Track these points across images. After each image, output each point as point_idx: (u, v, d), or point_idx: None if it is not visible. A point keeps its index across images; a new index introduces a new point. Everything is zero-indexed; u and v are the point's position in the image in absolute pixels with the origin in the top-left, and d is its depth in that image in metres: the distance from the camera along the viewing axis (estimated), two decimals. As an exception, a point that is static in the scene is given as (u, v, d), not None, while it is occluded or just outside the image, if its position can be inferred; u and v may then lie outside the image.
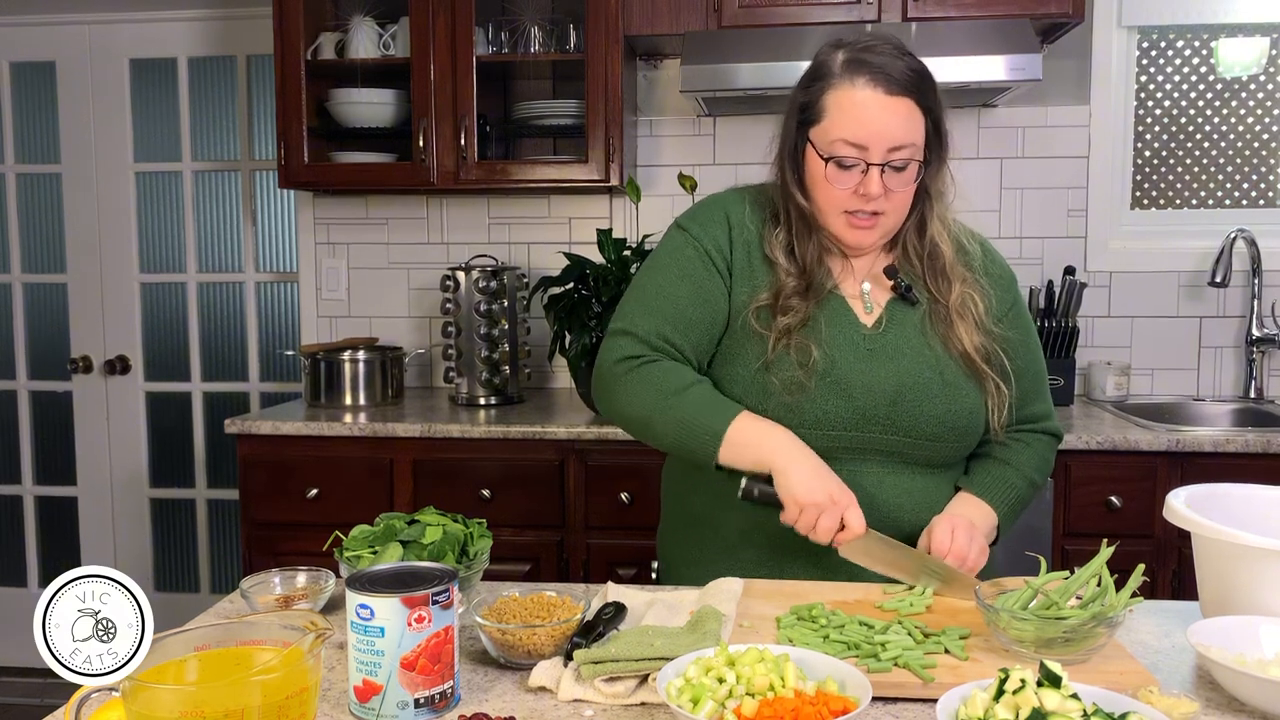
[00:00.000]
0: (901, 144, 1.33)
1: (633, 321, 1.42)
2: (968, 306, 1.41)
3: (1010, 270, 1.53)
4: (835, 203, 1.37)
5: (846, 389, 1.37)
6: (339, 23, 2.97)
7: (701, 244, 1.43)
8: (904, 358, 1.40)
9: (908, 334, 1.42)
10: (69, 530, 3.59)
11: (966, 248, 1.47)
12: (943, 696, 0.91)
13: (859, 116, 1.33)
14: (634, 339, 1.41)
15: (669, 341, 1.40)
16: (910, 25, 2.59)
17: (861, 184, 1.34)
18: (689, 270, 1.42)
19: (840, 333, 1.40)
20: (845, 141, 1.33)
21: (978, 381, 1.41)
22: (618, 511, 2.51)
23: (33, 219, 3.55)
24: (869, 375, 1.38)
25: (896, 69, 1.34)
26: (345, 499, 2.58)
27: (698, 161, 3.05)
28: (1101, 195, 2.96)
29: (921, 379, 1.39)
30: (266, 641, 0.90)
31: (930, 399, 1.38)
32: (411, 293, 3.22)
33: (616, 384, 1.41)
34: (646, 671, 1.03)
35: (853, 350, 1.40)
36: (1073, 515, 2.39)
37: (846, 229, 1.39)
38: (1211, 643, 1.07)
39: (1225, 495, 1.28)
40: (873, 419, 1.38)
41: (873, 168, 1.33)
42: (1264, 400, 2.88)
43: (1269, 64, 2.97)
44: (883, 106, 1.33)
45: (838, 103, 1.34)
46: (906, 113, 1.34)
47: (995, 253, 1.53)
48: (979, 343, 1.40)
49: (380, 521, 1.34)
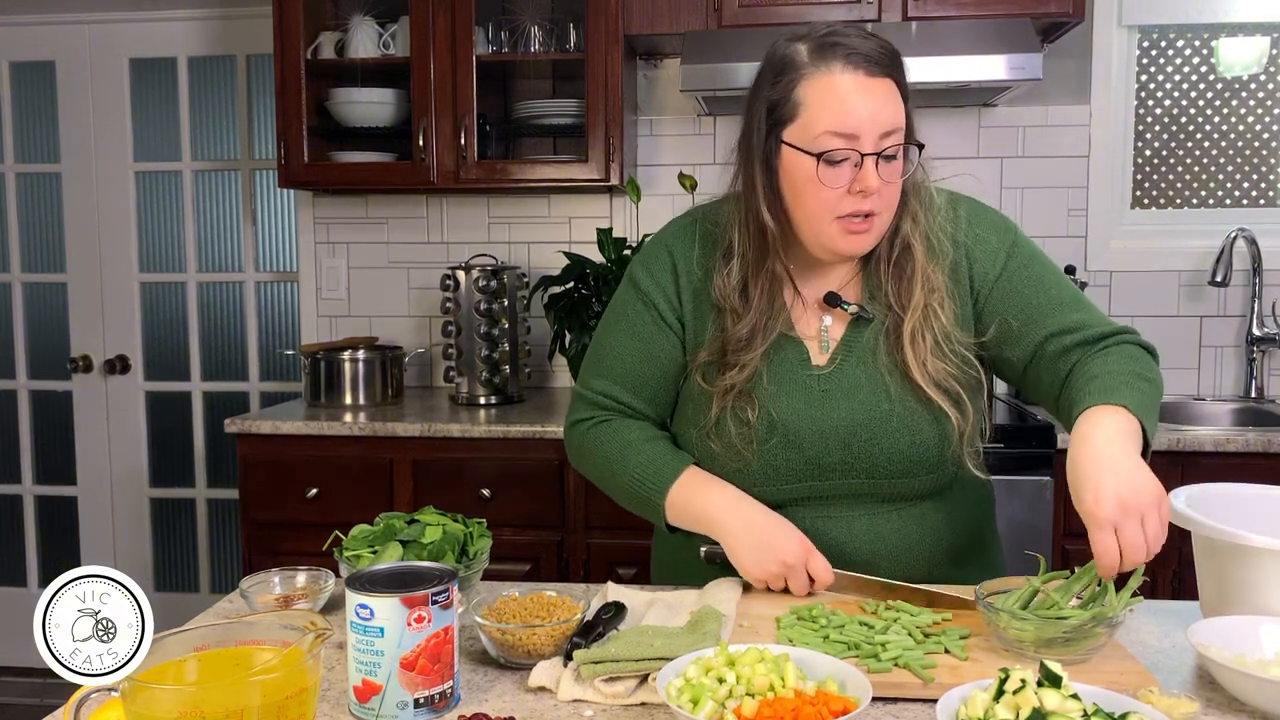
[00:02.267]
0: (891, 129, 1.20)
1: (586, 382, 1.42)
2: (929, 321, 1.28)
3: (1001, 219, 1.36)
4: (826, 208, 1.23)
5: (795, 440, 1.29)
6: (339, 22, 2.97)
7: (650, 297, 1.37)
8: (860, 392, 1.29)
9: (864, 362, 1.30)
10: (69, 530, 3.59)
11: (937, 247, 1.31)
12: (943, 696, 0.91)
13: (844, 103, 1.19)
14: (586, 401, 1.41)
15: (619, 401, 1.39)
16: (910, 25, 2.59)
17: (856, 180, 1.21)
18: (638, 327, 1.38)
19: (789, 380, 1.31)
20: (833, 133, 1.19)
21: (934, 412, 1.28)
22: (618, 511, 2.47)
23: (33, 219, 3.55)
24: (820, 421, 1.29)
25: (870, 48, 1.21)
26: (345, 499, 2.58)
27: (698, 161, 3.05)
28: (1102, 195, 2.96)
29: (878, 413, 1.28)
30: (266, 641, 0.90)
31: (888, 434, 1.28)
32: (411, 292, 3.22)
33: (572, 447, 1.44)
34: (646, 671, 1.02)
35: (803, 396, 1.30)
36: (1073, 515, 2.36)
37: (840, 236, 1.24)
38: (1211, 643, 1.06)
39: (1225, 495, 1.28)
40: (827, 466, 1.30)
41: (867, 159, 1.20)
42: (1264, 400, 2.88)
43: (1269, 64, 2.97)
44: (867, 90, 1.19)
45: (816, 93, 1.20)
46: (890, 94, 1.21)
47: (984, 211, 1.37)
48: (935, 367, 1.27)
49: (380, 521, 1.34)
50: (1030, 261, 1.33)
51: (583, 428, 1.41)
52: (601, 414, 1.40)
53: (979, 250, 1.33)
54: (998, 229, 1.35)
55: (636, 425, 1.39)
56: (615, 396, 1.39)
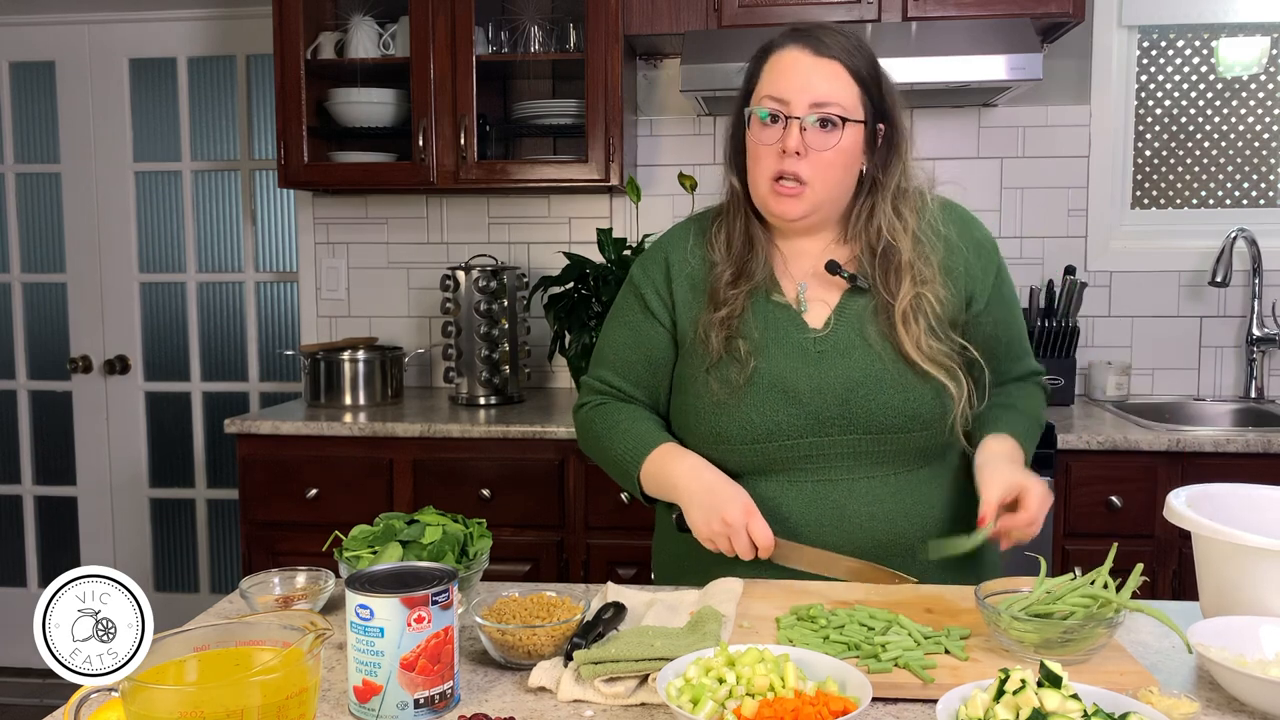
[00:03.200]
0: (825, 100, 1.33)
1: (590, 371, 1.57)
2: (921, 308, 1.36)
3: (987, 236, 1.48)
4: (762, 168, 1.36)
5: (794, 395, 1.37)
6: (339, 22, 2.97)
7: (640, 290, 1.50)
8: (855, 352, 1.38)
9: (860, 326, 1.39)
10: (69, 530, 3.59)
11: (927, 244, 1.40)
12: (943, 697, 0.91)
13: (783, 72, 1.35)
14: (588, 388, 1.56)
15: (612, 385, 1.52)
16: (910, 25, 2.59)
17: (781, 139, 1.33)
18: (629, 318, 1.51)
19: (784, 341, 1.39)
20: (769, 97, 1.35)
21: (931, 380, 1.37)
22: (618, 511, 2.51)
23: (33, 219, 3.55)
24: (816, 378, 1.37)
25: (831, 38, 1.36)
26: (345, 499, 2.58)
27: (698, 161, 3.05)
28: (1102, 195, 2.96)
29: (873, 372, 1.37)
30: (266, 641, 0.90)
31: (884, 390, 1.36)
32: (411, 292, 3.22)
33: (578, 431, 1.58)
34: (646, 672, 1.02)
35: (800, 356, 1.39)
36: (1073, 515, 2.39)
37: (771, 196, 1.37)
38: (1212, 643, 1.06)
39: (1225, 495, 1.28)
40: (827, 421, 1.36)
41: (792, 121, 1.33)
42: (1264, 400, 2.88)
43: (1269, 64, 2.97)
44: (809, 66, 1.34)
45: (769, 68, 1.38)
46: (832, 72, 1.34)
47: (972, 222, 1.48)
48: (929, 345, 1.36)
49: (380, 521, 1.34)
50: (1005, 286, 1.49)
51: (584, 411, 1.56)
52: (598, 398, 1.54)
53: (975, 262, 1.44)
54: (988, 247, 1.48)
55: (628, 409, 1.51)
56: (610, 382, 1.52)
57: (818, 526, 1.37)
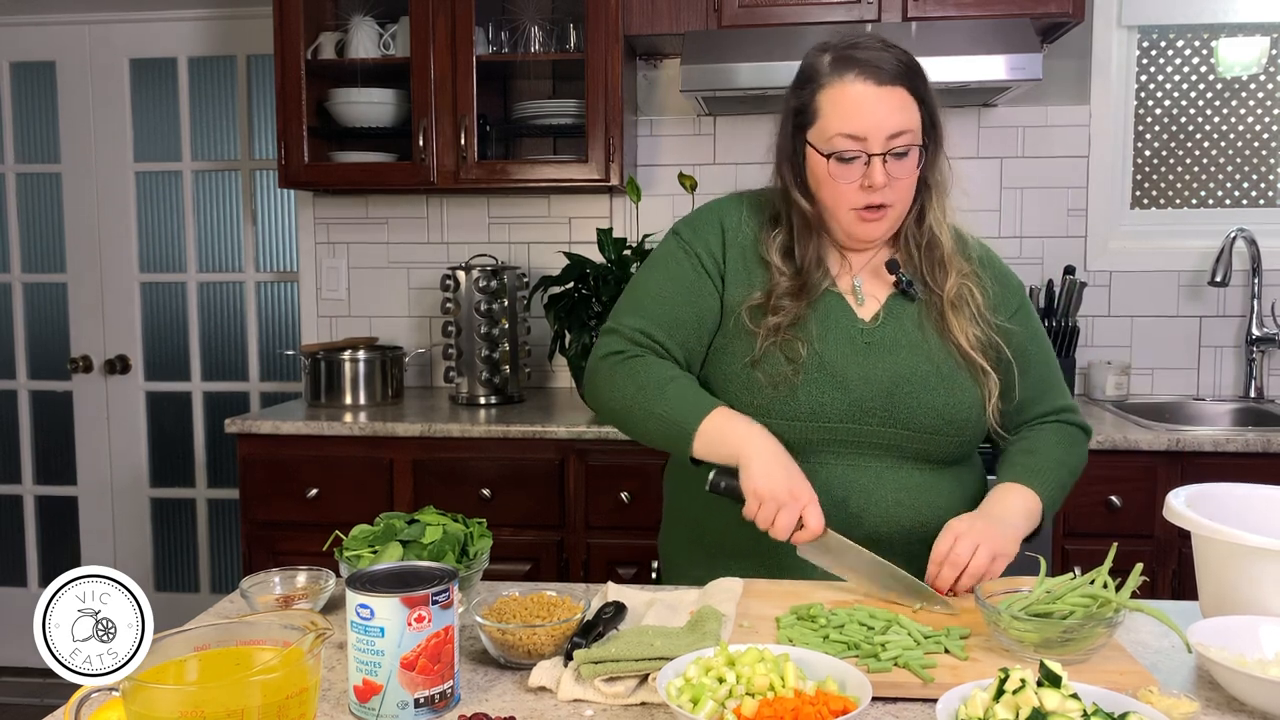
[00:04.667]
0: (899, 130, 1.35)
1: (621, 320, 1.46)
2: (964, 298, 1.42)
3: (1018, 279, 1.55)
4: (843, 200, 1.38)
5: (842, 381, 1.39)
6: (339, 22, 2.97)
7: (693, 248, 1.47)
8: (901, 350, 1.41)
9: (905, 328, 1.43)
10: (69, 530, 3.59)
11: (966, 239, 1.50)
12: (943, 696, 0.91)
13: (854, 110, 1.35)
14: (620, 336, 1.45)
15: (654, 339, 1.43)
16: (910, 25, 2.59)
17: (865, 176, 1.36)
18: (678, 273, 1.46)
19: (835, 328, 1.42)
20: (844, 135, 1.35)
21: (973, 374, 1.41)
22: (618, 511, 2.51)
23: (33, 219, 3.55)
24: (865, 368, 1.40)
25: (885, 60, 1.36)
26: (345, 499, 2.58)
27: (698, 161, 3.05)
28: (1101, 195, 2.96)
29: (919, 372, 1.40)
30: (266, 641, 0.90)
31: (928, 390, 1.39)
32: (411, 292, 3.22)
33: (600, 377, 1.45)
34: (646, 671, 1.03)
35: (849, 344, 1.41)
36: (1073, 515, 2.39)
37: (856, 224, 1.40)
38: (1211, 643, 1.06)
39: (1225, 495, 1.28)
40: (869, 411, 1.39)
41: (874, 158, 1.35)
42: (1264, 400, 2.88)
43: (1269, 64, 2.97)
44: (877, 97, 1.35)
45: (831, 100, 1.37)
46: (900, 101, 1.36)
47: (1000, 261, 1.54)
48: (973, 334, 1.41)
49: (380, 521, 1.34)
50: (1029, 321, 1.51)
51: (616, 359, 1.43)
52: (636, 349, 1.43)
53: (1001, 285, 1.49)
54: (1012, 282, 1.53)
55: (671, 365, 1.43)
56: (651, 334, 1.43)
57: (844, 509, 1.38)
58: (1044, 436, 1.47)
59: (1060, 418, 1.51)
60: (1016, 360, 1.45)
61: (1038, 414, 1.50)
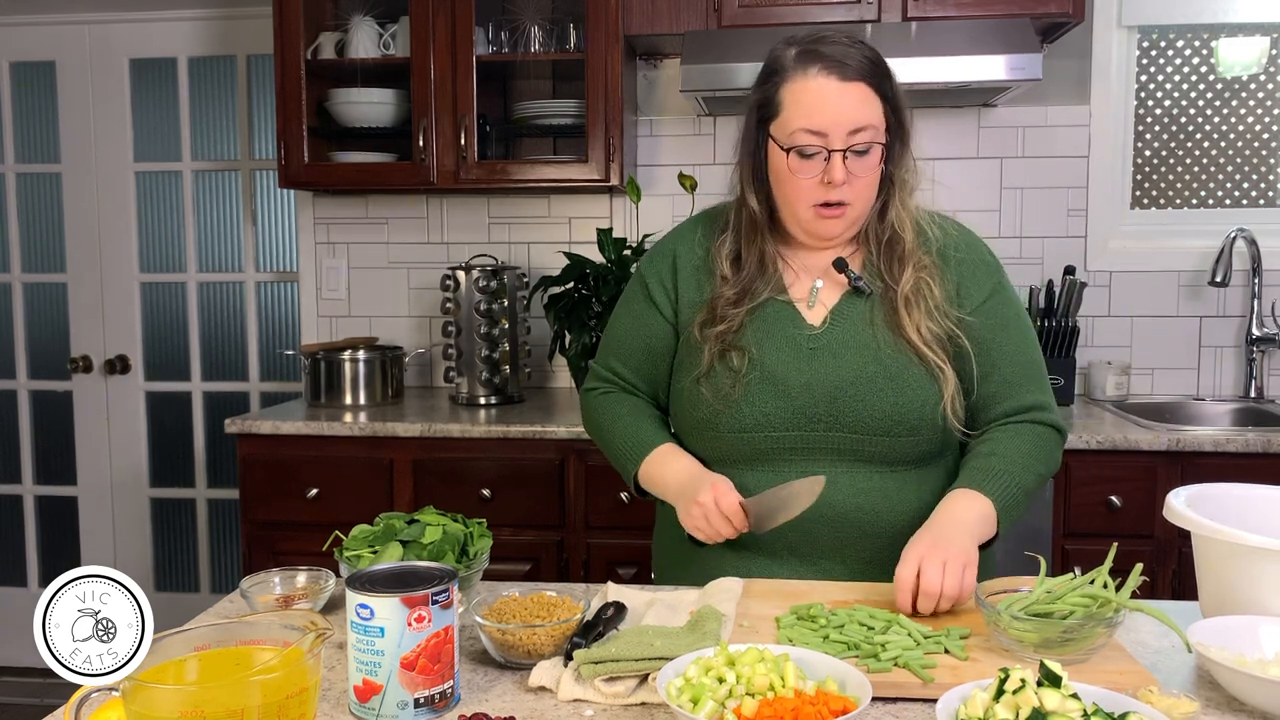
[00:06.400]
0: (860, 126, 1.34)
1: (598, 356, 1.61)
2: (921, 292, 1.39)
3: (992, 258, 1.48)
4: (802, 196, 1.37)
5: (784, 389, 1.39)
6: (339, 22, 2.97)
7: (645, 280, 1.53)
8: (847, 353, 1.39)
9: (855, 328, 1.41)
10: (69, 530, 3.59)
11: (928, 233, 1.43)
12: (943, 696, 0.91)
13: (815, 104, 1.34)
14: (594, 374, 1.61)
15: (617, 374, 1.56)
16: (910, 25, 2.59)
17: (825, 172, 1.34)
18: (633, 307, 1.55)
19: (779, 335, 1.41)
20: (805, 130, 1.34)
21: (928, 371, 1.37)
22: (618, 511, 2.51)
23: (33, 219, 3.55)
24: (808, 374, 1.39)
25: (850, 56, 1.35)
26: (345, 499, 2.58)
27: (698, 161, 3.05)
28: (1101, 195, 2.96)
29: (865, 374, 1.38)
30: (266, 641, 0.90)
31: (874, 393, 1.37)
32: (411, 292, 3.22)
33: (582, 412, 1.63)
34: (646, 671, 1.03)
35: (792, 352, 1.40)
36: (1073, 515, 2.39)
37: (816, 220, 1.39)
38: (1212, 643, 1.06)
39: (1225, 495, 1.28)
40: (814, 417, 1.38)
41: (834, 154, 1.34)
42: (1264, 400, 2.88)
43: (1269, 64, 2.97)
44: (839, 92, 1.34)
45: (793, 94, 1.36)
46: (862, 96, 1.35)
47: (977, 242, 1.48)
48: (928, 328, 1.37)
49: (380, 521, 1.34)
50: (1005, 308, 1.45)
51: (589, 395, 1.61)
52: (604, 385, 1.59)
53: (968, 275, 1.44)
54: (986, 265, 1.47)
55: (630, 401, 1.56)
56: (614, 369, 1.57)
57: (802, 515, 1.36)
58: (1008, 437, 1.39)
59: (1030, 416, 1.42)
60: (979, 354, 1.40)
61: (1005, 411, 1.42)
